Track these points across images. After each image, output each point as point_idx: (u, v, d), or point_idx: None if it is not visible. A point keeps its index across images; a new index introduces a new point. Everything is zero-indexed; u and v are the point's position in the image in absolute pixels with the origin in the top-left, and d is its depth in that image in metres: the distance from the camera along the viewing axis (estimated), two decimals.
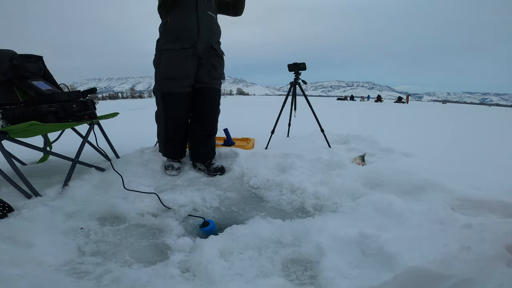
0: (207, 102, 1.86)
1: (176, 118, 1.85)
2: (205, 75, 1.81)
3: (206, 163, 1.95)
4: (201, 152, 1.94)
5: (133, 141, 2.44)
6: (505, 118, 8.11)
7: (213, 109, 1.90)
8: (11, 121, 1.49)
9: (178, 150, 1.96)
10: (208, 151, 1.97)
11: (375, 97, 25.38)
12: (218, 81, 1.89)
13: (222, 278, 0.95)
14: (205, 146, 1.94)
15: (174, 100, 1.78)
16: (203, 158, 1.95)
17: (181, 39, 1.69)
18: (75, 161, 1.67)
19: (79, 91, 1.84)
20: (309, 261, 1.06)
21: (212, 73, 1.82)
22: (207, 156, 1.96)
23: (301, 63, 2.68)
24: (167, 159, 1.96)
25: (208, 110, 1.88)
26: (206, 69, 1.80)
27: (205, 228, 1.28)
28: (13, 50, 1.75)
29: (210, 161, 1.97)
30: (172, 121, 1.85)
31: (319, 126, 2.64)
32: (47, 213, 1.31)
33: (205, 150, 1.95)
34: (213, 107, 1.90)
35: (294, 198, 1.56)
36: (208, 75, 1.82)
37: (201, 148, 1.94)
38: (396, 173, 1.70)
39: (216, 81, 1.88)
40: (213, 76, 1.83)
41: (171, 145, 1.93)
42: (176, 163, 1.94)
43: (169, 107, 1.81)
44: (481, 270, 0.78)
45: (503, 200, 1.34)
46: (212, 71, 1.82)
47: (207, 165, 1.93)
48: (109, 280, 0.95)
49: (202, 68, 1.79)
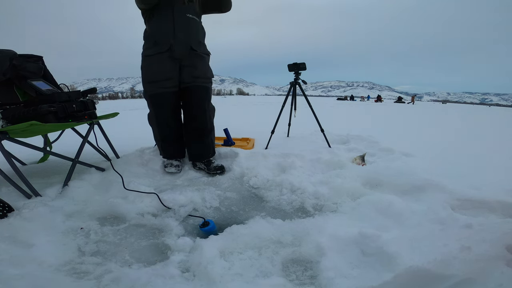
0: (194, 100, 1.88)
1: (166, 118, 1.89)
2: (188, 75, 1.84)
3: (206, 162, 1.95)
4: (196, 150, 1.95)
5: (133, 141, 2.44)
6: (505, 118, 8.11)
7: (200, 106, 1.90)
8: (11, 121, 1.49)
9: (176, 150, 1.98)
10: (205, 150, 1.97)
11: (375, 97, 25.38)
12: (202, 80, 1.90)
13: (222, 278, 0.95)
14: (200, 144, 1.95)
15: (161, 100, 1.84)
16: (199, 157, 1.96)
17: (157, 44, 1.76)
18: (75, 161, 1.67)
19: (79, 91, 1.84)
20: (309, 261, 1.06)
21: (194, 73, 1.85)
22: (204, 155, 1.96)
23: (301, 63, 2.68)
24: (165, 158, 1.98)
25: (196, 108, 1.90)
26: (188, 69, 1.84)
27: (205, 228, 1.28)
28: (13, 50, 1.75)
29: (209, 160, 1.97)
30: (163, 121, 1.89)
31: (319, 126, 2.64)
32: (47, 213, 1.31)
33: (201, 148, 1.95)
34: (200, 104, 1.90)
35: (294, 198, 1.56)
36: (190, 75, 1.85)
37: (195, 146, 1.95)
38: (396, 173, 1.70)
39: (200, 79, 1.88)
40: (195, 75, 1.86)
41: (169, 145, 1.95)
42: (175, 161, 1.96)
43: (158, 108, 1.86)
44: (481, 270, 0.78)
45: (503, 200, 1.34)
46: (194, 71, 1.85)
47: (207, 164, 1.94)
48: (109, 280, 0.95)
49: (184, 69, 1.84)
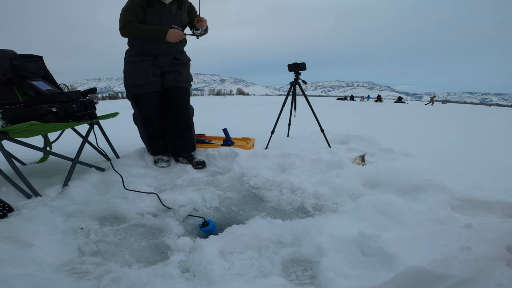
0: (176, 98, 1.98)
1: (150, 116, 1.96)
2: (170, 79, 1.96)
3: (188, 157, 2.08)
4: (176, 146, 2.05)
5: (133, 141, 2.44)
6: (506, 118, 8.11)
7: (183, 104, 2.00)
8: (11, 121, 1.49)
9: (163, 145, 2.09)
10: (187, 145, 2.06)
11: (375, 97, 25.38)
12: (184, 82, 2.02)
13: (222, 278, 0.95)
14: (182, 140, 2.04)
15: (143, 99, 1.91)
16: (182, 152, 2.06)
17: (143, 53, 1.87)
18: (75, 161, 1.67)
19: (79, 91, 1.84)
20: (309, 261, 1.06)
21: (177, 77, 1.97)
22: (187, 150, 2.06)
23: (301, 63, 2.68)
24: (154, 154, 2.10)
25: (179, 105, 1.99)
26: (171, 74, 1.96)
27: (205, 228, 1.28)
28: (13, 50, 1.75)
29: (191, 154, 2.09)
30: (147, 119, 1.97)
31: (319, 126, 2.64)
32: (47, 213, 1.31)
33: (183, 144, 2.05)
34: (182, 102, 2.00)
35: (294, 198, 1.56)
36: (173, 78, 1.96)
37: (178, 142, 2.04)
38: (396, 173, 1.70)
39: (182, 82, 2.00)
40: (178, 79, 1.97)
41: (155, 141, 2.05)
42: (165, 156, 2.08)
43: (141, 107, 1.95)
44: (481, 270, 0.78)
45: (503, 200, 1.34)
46: (177, 76, 1.97)
47: (189, 159, 2.07)
48: (109, 280, 0.95)
49: (167, 74, 1.95)
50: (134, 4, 1.76)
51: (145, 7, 1.78)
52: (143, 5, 1.77)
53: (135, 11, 1.76)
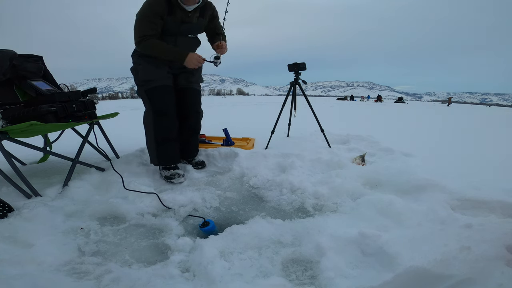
0: (188, 100, 1.93)
1: (165, 110, 1.75)
2: (184, 79, 1.91)
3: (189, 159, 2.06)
4: (186, 149, 2.01)
5: (133, 141, 2.44)
6: (506, 118, 8.11)
7: (194, 107, 1.97)
8: (11, 121, 1.49)
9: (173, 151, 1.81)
10: (193, 149, 2.06)
11: (375, 97, 25.37)
12: (195, 84, 1.98)
13: (222, 278, 0.95)
14: (189, 144, 2.01)
15: (158, 91, 1.74)
16: (187, 156, 2.04)
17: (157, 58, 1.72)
18: (75, 161, 1.67)
19: (79, 91, 1.84)
20: (309, 261, 1.06)
21: (190, 78, 1.93)
22: (191, 154, 2.06)
23: (301, 63, 2.68)
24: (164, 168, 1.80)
25: (190, 108, 1.95)
26: (185, 75, 1.91)
27: (205, 228, 1.28)
28: (13, 50, 1.75)
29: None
30: (162, 113, 1.75)
31: (319, 126, 2.64)
32: (47, 213, 1.31)
33: (189, 147, 2.03)
34: (194, 104, 1.97)
35: (294, 198, 1.56)
36: (187, 79, 1.92)
37: (185, 145, 2.00)
38: (396, 173, 1.70)
39: (194, 84, 1.96)
40: (190, 80, 1.93)
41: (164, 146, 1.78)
42: (178, 170, 1.81)
43: (156, 99, 1.74)
44: (481, 270, 0.78)
45: (503, 200, 1.34)
46: (190, 77, 1.93)
47: (189, 160, 2.06)
48: (109, 280, 0.95)
49: (181, 75, 1.90)
50: (152, 12, 1.58)
51: (166, 16, 1.62)
52: (163, 14, 1.60)
53: (154, 21, 1.59)
